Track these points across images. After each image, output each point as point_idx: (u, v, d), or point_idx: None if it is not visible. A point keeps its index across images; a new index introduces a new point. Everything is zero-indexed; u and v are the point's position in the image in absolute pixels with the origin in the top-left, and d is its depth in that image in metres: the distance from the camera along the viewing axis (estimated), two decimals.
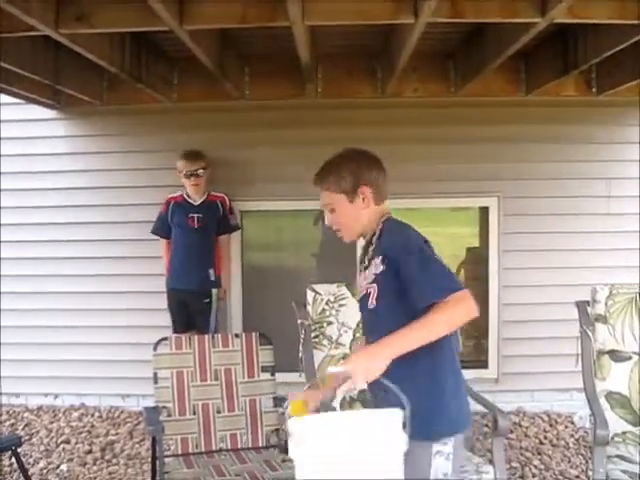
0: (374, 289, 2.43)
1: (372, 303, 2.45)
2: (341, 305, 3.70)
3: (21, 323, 5.74)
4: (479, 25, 4.29)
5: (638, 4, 3.24)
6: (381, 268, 2.40)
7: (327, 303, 3.60)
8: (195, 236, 5.28)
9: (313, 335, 3.59)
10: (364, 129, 5.20)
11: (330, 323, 3.61)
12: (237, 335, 4.05)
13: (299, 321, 3.55)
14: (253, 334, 4.01)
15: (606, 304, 3.55)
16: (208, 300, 5.24)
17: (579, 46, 4.38)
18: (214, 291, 5.29)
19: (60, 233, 5.75)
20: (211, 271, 5.30)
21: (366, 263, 2.52)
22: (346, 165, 2.54)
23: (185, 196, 5.31)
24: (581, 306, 3.56)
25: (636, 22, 3.36)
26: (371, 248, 2.50)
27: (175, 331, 5.16)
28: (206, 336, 4.03)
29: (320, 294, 3.65)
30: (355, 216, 2.52)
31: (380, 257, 2.41)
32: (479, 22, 3.97)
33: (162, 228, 5.36)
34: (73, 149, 5.78)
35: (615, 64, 4.68)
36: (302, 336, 3.55)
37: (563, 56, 4.60)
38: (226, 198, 5.37)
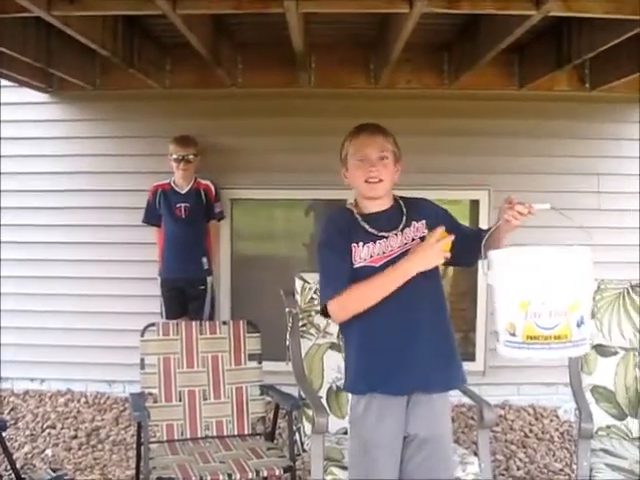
0: None
1: None
2: None
3: (8, 307, 5.70)
4: (474, 17, 4.28)
5: None
6: (425, 232, 2.67)
7: (315, 292, 3.57)
8: (184, 226, 5.26)
9: (301, 324, 3.57)
10: (357, 119, 5.12)
11: (318, 312, 3.60)
12: (225, 322, 4.04)
13: (287, 309, 3.53)
14: (241, 322, 4.00)
15: (594, 299, 3.56)
16: (203, 287, 5.24)
17: (573, 40, 4.36)
18: (209, 279, 5.29)
19: (48, 217, 5.73)
20: (204, 259, 5.29)
21: (396, 230, 2.68)
22: None
23: (172, 184, 5.28)
24: None
25: (632, 17, 3.34)
26: (404, 217, 2.71)
27: (166, 318, 5.14)
28: (194, 323, 4.01)
29: (309, 282, 3.63)
30: (392, 177, 2.73)
31: (422, 222, 2.70)
32: (474, 14, 3.96)
33: (152, 217, 5.33)
34: (65, 133, 5.75)
35: (609, 59, 4.66)
36: (290, 324, 3.53)
37: (557, 50, 4.59)
38: (211, 186, 5.33)
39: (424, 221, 2.71)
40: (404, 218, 2.71)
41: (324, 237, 2.77)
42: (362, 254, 2.65)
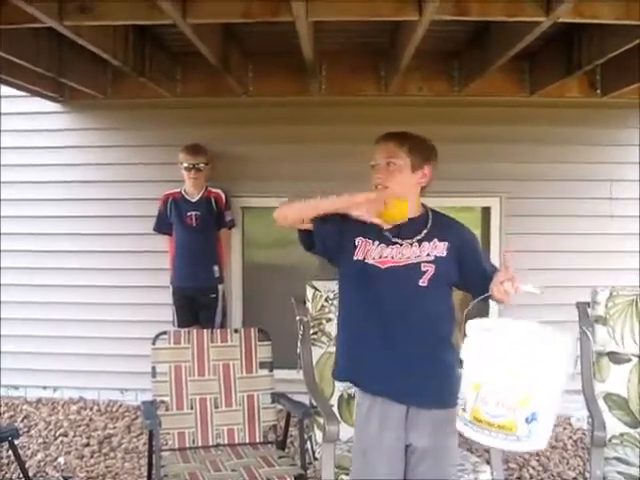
0: (431, 269, 2.66)
1: (424, 281, 2.66)
2: None
3: (21, 316, 5.74)
4: (484, 24, 4.27)
5: None
6: (444, 253, 2.68)
7: (326, 300, 3.58)
8: (195, 234, 5.27)
9: (312, 332, 3.57)
10: (368, 127, 5.13)
11: (329, 320, 3.59)
12: (236, 330, 4.05)
13: (298, 317, 3.53)
14: (252, 329, 4.00)
15: (606, 306, 3.54)
16: (214, 295, 5.25)
17: (583, 47, 4.36)
18: (220, 287, 5.29)
19: (60, 226, 5.76)
20: (215, 268, 5.30)
21: (412, 241, 2.68)
22: (426, 143, 2.81)
23: (183, 192, 5.30)
24: (581, 307, 3.55)
25: None
26: (425, 230, 2.71)
27: (178, 327, 5.14)
28: (205, 331, 4.02)
29: (319, 291, 3.63)
30: (408, 186, 2.71)
31: (445, 243, 2.69)
32: (484, 20, 3.95)
33: (163, 225, 5.34)
34: (76, 142, 5.78)
35: (620, 65, 4.64)
36: (301, 332, 3.53)
37: (567, 57, 4.59)
38: (222, 194, 5.35)
39: (447, 243, 2.70)
40: (424, 232, 2.71)
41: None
42: (374, 253, 2.68)
